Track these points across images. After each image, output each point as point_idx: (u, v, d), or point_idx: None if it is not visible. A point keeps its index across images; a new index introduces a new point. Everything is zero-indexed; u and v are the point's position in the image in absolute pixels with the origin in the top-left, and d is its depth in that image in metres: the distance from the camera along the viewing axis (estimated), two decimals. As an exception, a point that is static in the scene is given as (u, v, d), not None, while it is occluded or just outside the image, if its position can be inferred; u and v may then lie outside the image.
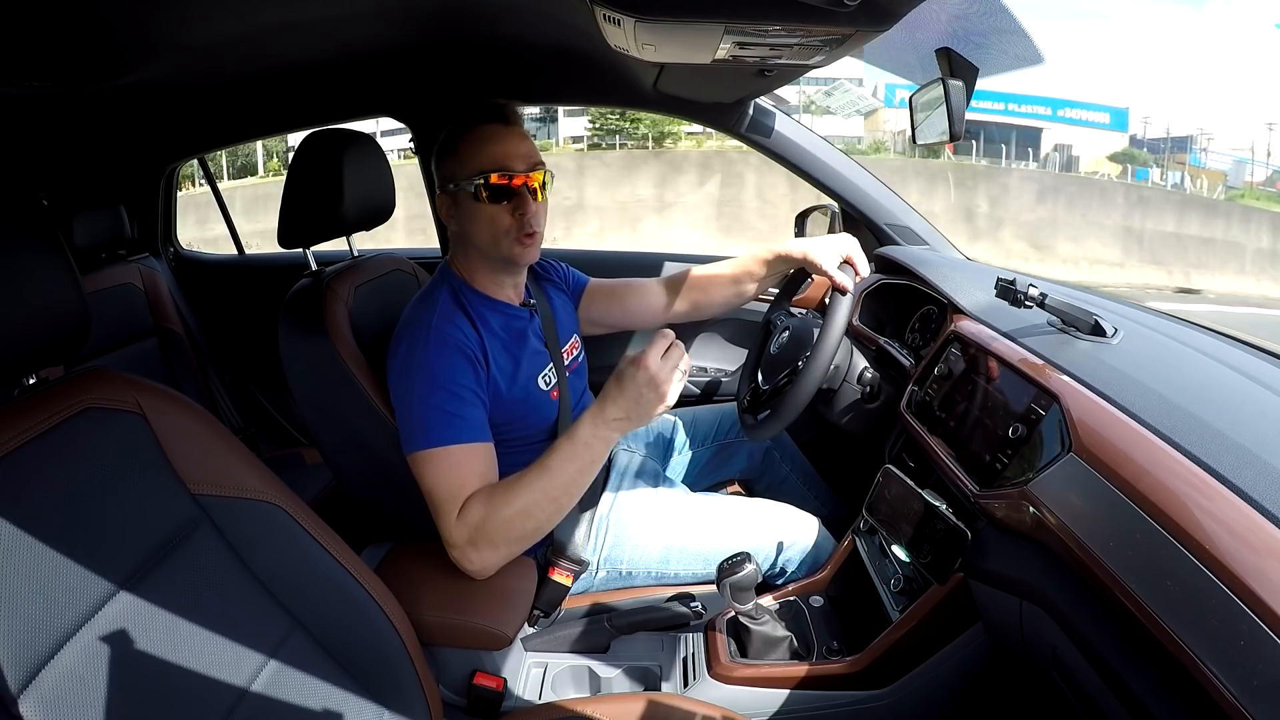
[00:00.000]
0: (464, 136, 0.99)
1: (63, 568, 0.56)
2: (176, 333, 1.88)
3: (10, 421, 0.58)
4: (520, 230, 0.98)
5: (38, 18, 0.83)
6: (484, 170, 0.95)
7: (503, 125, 0.99)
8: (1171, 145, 16.58)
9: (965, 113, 1.10)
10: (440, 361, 0.94)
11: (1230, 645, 0.51)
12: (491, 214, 0.97)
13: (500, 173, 0.95)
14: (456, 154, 0.98)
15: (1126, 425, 0.70)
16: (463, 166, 0.97)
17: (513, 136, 0.99)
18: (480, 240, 1.00)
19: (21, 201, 0.59)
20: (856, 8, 0.68)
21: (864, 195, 1.53)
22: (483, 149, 0.97)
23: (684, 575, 1.13)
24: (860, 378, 1.21)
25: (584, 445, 0.90)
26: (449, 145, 1.00)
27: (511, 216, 0.97)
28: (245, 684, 0.65)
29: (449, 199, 1.01)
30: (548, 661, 1.08)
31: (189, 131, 1.90)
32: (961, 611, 0.90)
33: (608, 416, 0.89)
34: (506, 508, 0.89)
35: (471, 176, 0.96)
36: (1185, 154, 16.77)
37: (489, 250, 1.00)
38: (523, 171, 0.97)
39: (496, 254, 1.00)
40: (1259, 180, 16.22)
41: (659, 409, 0.88)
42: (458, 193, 0.98)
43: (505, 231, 0.97)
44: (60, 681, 0.54)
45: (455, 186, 0.98)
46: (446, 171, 1.00)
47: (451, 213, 1.01)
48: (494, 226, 0.97)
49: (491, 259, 1.02)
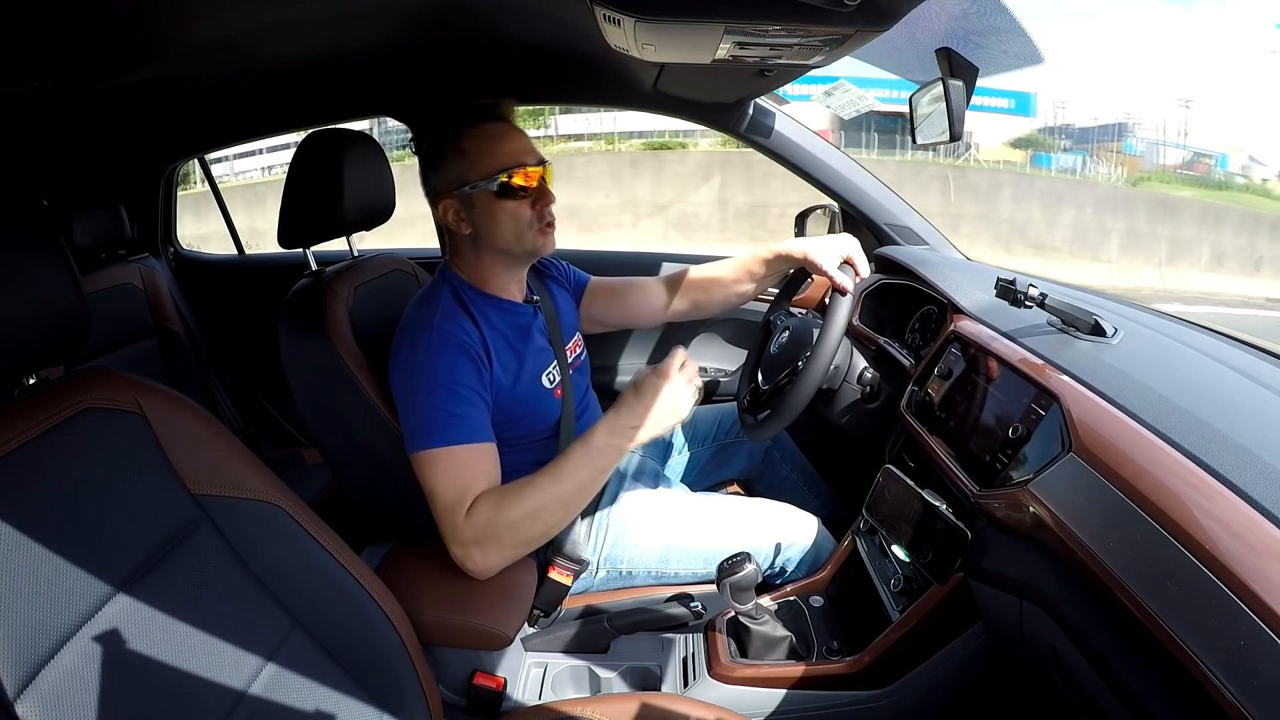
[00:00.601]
0: (470, 138, 0.99)
1: (63, 568, 0.56)
2: (176, 333, 1.88)
3: (10, 421, 0.58)
4: (542, 221, 1.01)
5: (38, 18, 0.83)
6: (505, 167, 0.98)
7: (506, 124, 1.02)
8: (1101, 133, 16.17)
9: (965, 113, 1.10)
10: (442, 361, 0.94)
11: (1230, 645, 0.51)
12: (514, 209, 0.99)
13: (519, 169, 0.98)
14: (466, 156, 0.99)
15: (1126, 425, 0.70)
16: (475, 167, 0.98)
17: (518, 134, 1.02)
18: (504, 237, 1.01)
19: (21, 201, 0.59)
20: (856, 8, 0.68)
21: (864, 195, 1.53)
22: (496, 147, 0.99)
23: (684, 575, 1.13)
24: (860, 378, 1.21)
25: (598, 452, 0.92)
26: (454, 148, 1.00)
27: (532, 209, 1.00)
28: (245, 684, 0.65)
29: (459, 201, 1.00)
30: (548, 661, 1.08)
31: (189, 131, 1.90)
32: (961, 611, 0.90)
33: (623, 425, 0.92)
34: (516, 510, 0.90)
35: (490, 176, 0.97)
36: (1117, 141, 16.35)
37: (513, 245, 1.02)
38: (536, 165, 1.00)
39: (521, 248, 1.02)
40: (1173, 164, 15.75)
41: (674, 421, 0.94)
42: (473, 193, 0.99)
43: (529, 225, 1.00)
44: (60, 682, 0.54)
45: (471, 188, 0.99)
46: (455, 175, 1.00)
47: (464, 215, 1.01)
48: (517, 221, 1.00)
49: (515, 254, 1.04)
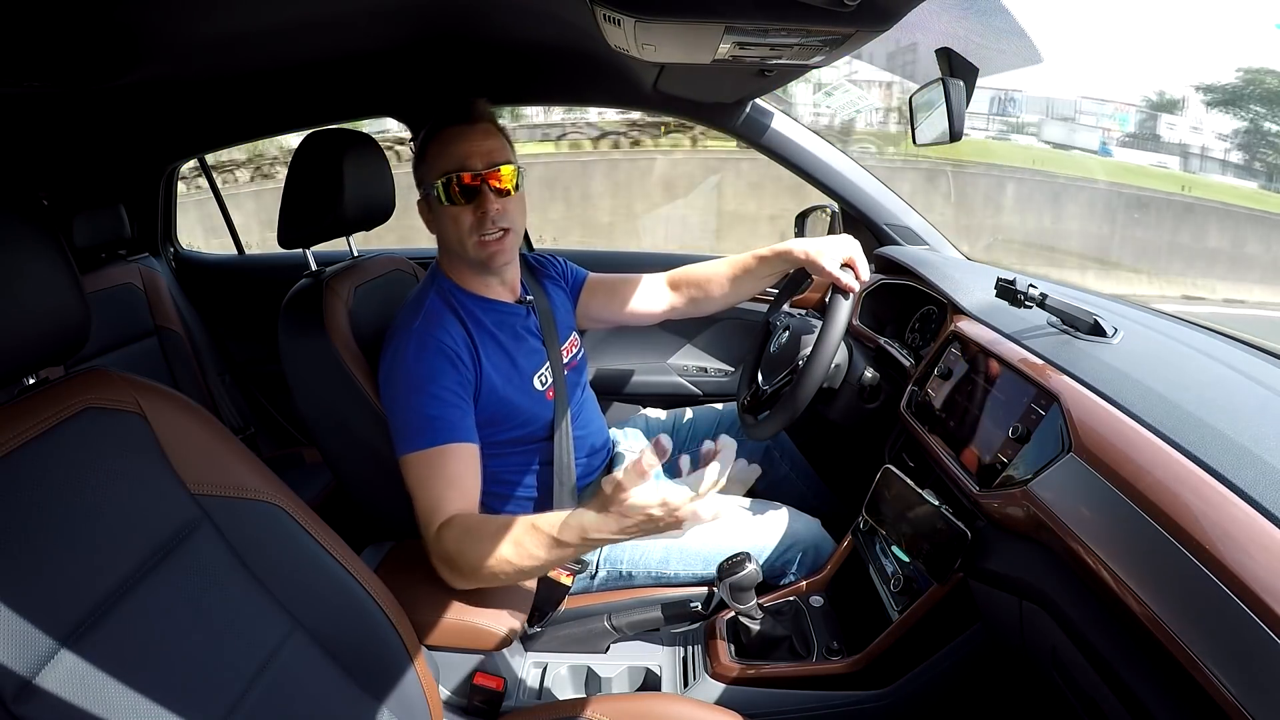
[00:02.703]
0: (431, 140, 1.00)
1: (63, 568, 0.56)
2: (176, 333, 1.88)
3: (10, 421, 0.58)
4: (481, 230, 0.97)
5: (39, 17, 0.83)
6: (446, 171, 0.96)
7: (466, 125, 0.99)
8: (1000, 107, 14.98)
9: (965, 113, 1.10)
10: (419, 366, 0.94)
11: (1230, 645, 0.51)
12: (454, 214, 0.98)
13: (460, 172, 0.96)
14: (425, 158, 1.00)
15: (1126, 425, 0.70)
16: (430, 170, 0.99)
17: (475, 135, 0.98)
18: (450, 242, 1.01)
19: (21, 201, 0.59)
20: (856, 8, 0.68)
21: (864, 195, 1.53)
22: (444, 150, 0.98)
23: (684, 575, 1.13)
24: (860, 378, 1.21)
25: (572, 550, 0.81)
26: (420, 150, 1.01)
27: (474, 215, 0.97)
28: (245, 684, 0.65)
29: (423, 204, 1.03)
30: (548, 661, 1.08)
31: (189, 131, 1.90)
32: (961, 611, 0.90)
33: (603, 533, 0.78)
34: (476, 551, 0.84)
35: (436, 179, 0.97)
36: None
37: (458, 251, 1.01)
38: (482, 169, 0.96)
39: (464, 255, 1.01)
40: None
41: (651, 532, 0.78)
42: (428, 195, 1.00)
43: (469, 231, 0.98)
44: (60, 682, 0.53)
45: (425, 189, 1.00)
46: (419, 176, 1.02)
47: (429, 216, 1.03)
48: (458, 227, 0.98)
49: (466, 260, 1.02)
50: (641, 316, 1.29)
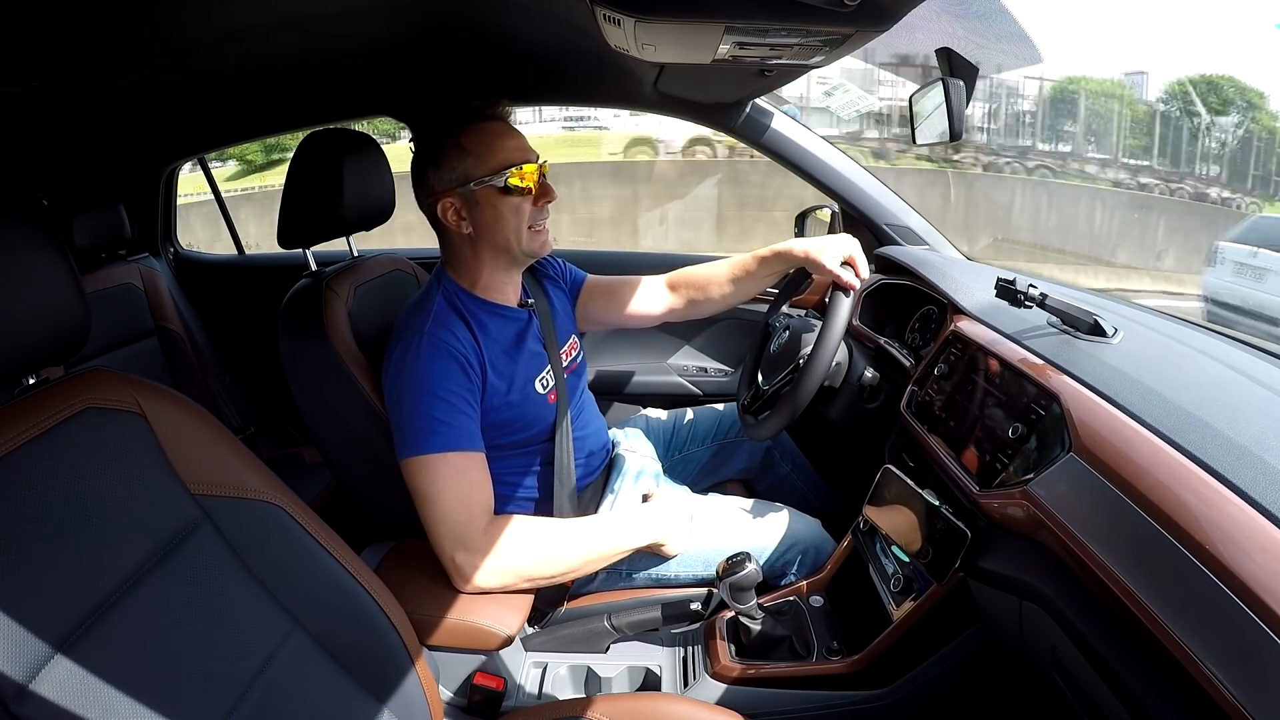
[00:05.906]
0: (472, 136, 0.99)
1: (62, 568, 0.56)
2: (176, 333, 1.88)
3: (10, 421, 0.58)
4: (539, 218, 1.03)
5: (39, 17, 0.83)
6: (510, 163, 0.99)
7: (505, 123, 1.02)
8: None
9: (965, 113, 1.10)
10: (432, 368, 0.94)
11: (1230, 645, 0.51)
12: (516, 205, 1.00)
13: (525, 163, 0.99)
14: (469, 153, 0.99)
15: (1126, 425, 0.70)
16: (481, 164, 0.98)
17: (517, 132, 1.03)
18: (504, 234, 1.01)
19: (21, 202, 0.59)
20: (856, 8, 0.68)
21: (864, 195, 1.53)
22: (501, 144, 1.00)
23: (684, 575, 1.13)
24: (860, 378, 1.21)
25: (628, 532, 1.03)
26: (455, 146, 1.00)
27: (534, 205, 1.01)
28: (245, 684, 0.65)
29: (461, 199, 1.00)
30: (548, 661, 1.08)
31: (188, 131, 1.90)
32: (961, 611, 0.90)
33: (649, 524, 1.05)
34: (536, 548, 0.96)
35: (497, 172, 0.98)
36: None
37: (513, 244, 1.02)
38: (537, 163, 1.01)
39: (519, 247, 1.03)
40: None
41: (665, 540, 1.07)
42: (478, 190, 0.99)
43: (529, 223, 1.02)
44: (59, 682, 0.53)
45: (476, 184, 0.99)
46: (459, 172, 0.99)
47: (464, 213, 1.01)
48: (519, 217, 1.01)
49: (514, 253, 1.04)
50: (640, 318, 1.29)
